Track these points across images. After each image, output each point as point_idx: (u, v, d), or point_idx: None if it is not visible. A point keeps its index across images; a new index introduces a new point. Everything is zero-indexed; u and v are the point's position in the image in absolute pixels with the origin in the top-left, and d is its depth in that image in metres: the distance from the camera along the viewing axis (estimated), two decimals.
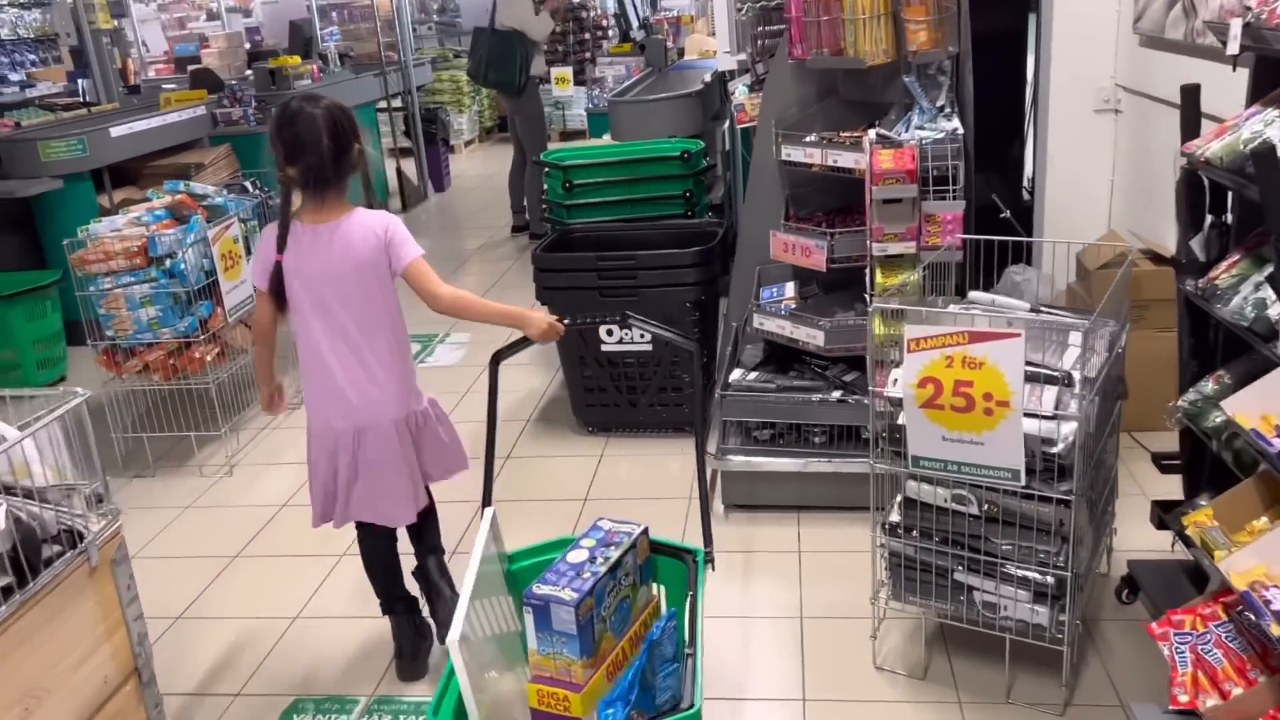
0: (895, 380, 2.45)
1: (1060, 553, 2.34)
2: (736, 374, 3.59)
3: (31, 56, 6.20)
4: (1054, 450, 2.26)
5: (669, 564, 2.29)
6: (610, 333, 3.93)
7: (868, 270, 3.17)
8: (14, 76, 6.33)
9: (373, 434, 2.58)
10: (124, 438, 4.10)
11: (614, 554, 2.04)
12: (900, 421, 2.42)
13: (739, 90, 4.27)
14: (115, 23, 7.37)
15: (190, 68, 9.04)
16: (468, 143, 12.24)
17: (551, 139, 9.21)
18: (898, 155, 3.04)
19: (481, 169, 11.01)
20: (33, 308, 4.98)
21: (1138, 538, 2.98)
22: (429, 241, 8.02)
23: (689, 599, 2.11)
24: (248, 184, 5.04)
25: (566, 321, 2.52)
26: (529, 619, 1.97)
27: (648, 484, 3.74)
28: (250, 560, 3.43)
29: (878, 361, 2.54)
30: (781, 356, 3.63)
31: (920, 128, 3.20)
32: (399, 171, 8.98)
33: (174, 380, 3.99)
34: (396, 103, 9.28)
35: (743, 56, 4.52)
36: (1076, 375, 2.35)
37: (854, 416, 3.29)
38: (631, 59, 7.25)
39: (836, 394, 3.36)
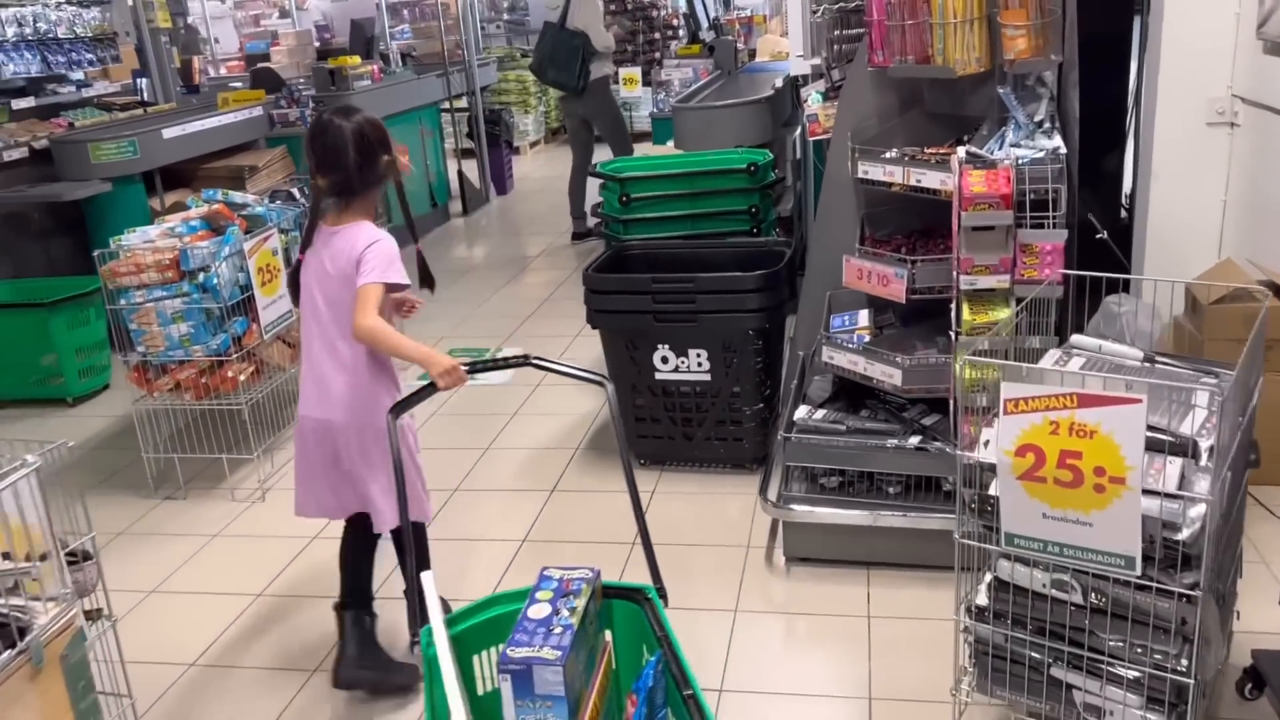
0: (987, 442, 2.12)
1: (1181, 654, 1.99)
2: (802, 411, 3.27)
3: (89, 56, 6.09)
4: (1178, 537, 1.92)
5: (621, 606, 2.05)
6: (665, 360, 3.64)
7: (954, 305, 2.83)
8: (75, 75, 6.24)
9: (342, 432, 2.60)
10: (155, 458, 3.92)
11: (579, 603, 1.85)
12: (993, 491, 2.09)
13: (812, 98, 3.94)
14: (177, 21, 7.30)
15: (257, 65, 8.97)
16: (533, 144, 12.05)
17: None
18: (990, 177, 2.69)
19: (546, 171, 10.79)
20: (75, 315, 4.85)
21: (1261, 617, 2.62)
22: (488, 247, 7.81)
23: (661, 640, 1.89)
24: (295, 190, 4.86)
25: (465, 368, 2.38)
26: (506, 686, 1.74)
27: (702, 527, 3.44)
28: (275, 600, 3.21)
29: (965, 409, 2.21)
30: (853, 391, 3.31)
31: (1016, 145, 2.85)
32: (460, 174, 8.79)
33: (206, 400, 3.80)
34: (461, 103, 9.12)
35: (817, 61, 4.18)
36: (1204, 444, 2.00)
37: (934, 466, 2.96)
38: (699, 61, 6.94)
39: (915, 440, 3.02)
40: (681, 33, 11.57)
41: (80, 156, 5.41)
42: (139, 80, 6.87)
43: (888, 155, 3.09)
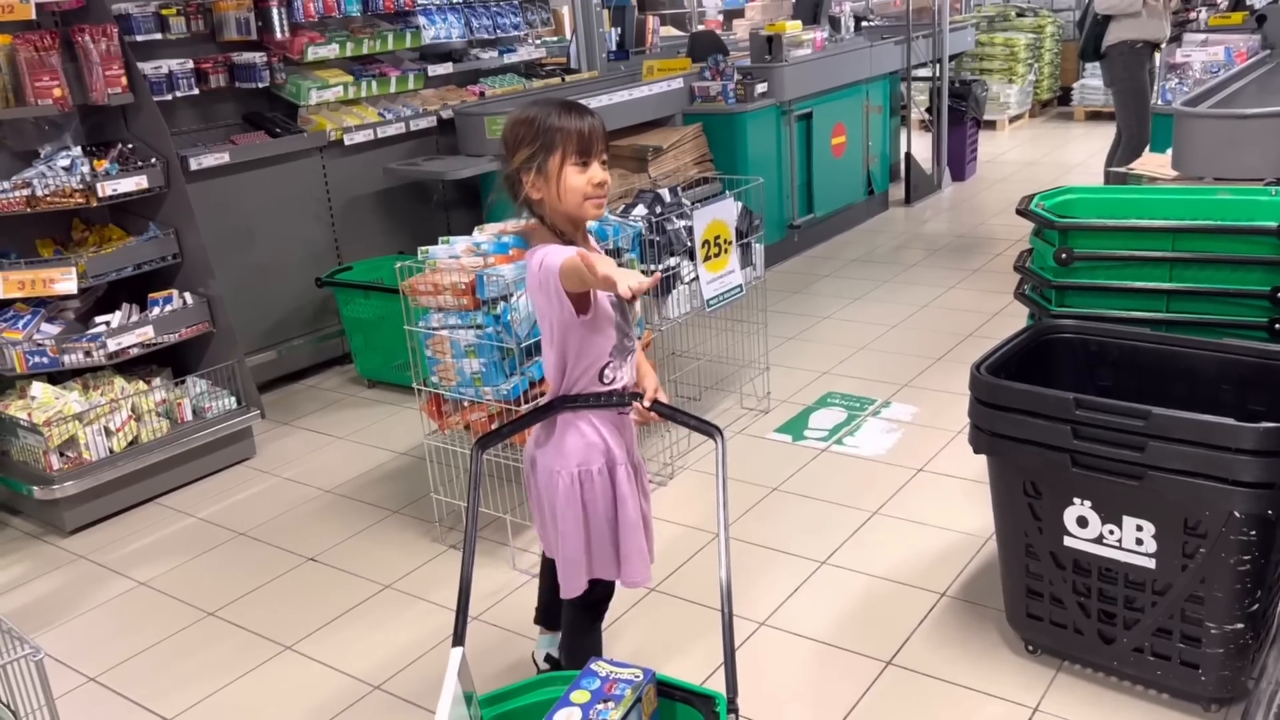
0: None
1: None
2: None
3: (514, 19, 5.80)
4: None
5: (685, 712, 1.82)
6: (1083, 522, 2.37)
7: None
8: (505, 38, 5.97)
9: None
10: (441, 501, 3.43)
11: (613, 714, 1.65)
12: None
13: None
14: None
15: (697, 29, 8.42)
16: (1014, 118, 10.40)
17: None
18: None
19: (1024, 153, 9.20)
20: None
21: None
22: (921, 250, 6.58)
23: None
24: (667, 190, 4.11)
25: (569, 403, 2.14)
26: None
27: None
28: None
29: None
30: None
31: None
32: (907, 157, 7.60)
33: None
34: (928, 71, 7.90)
35: None
36: None
37: None
38: (1238, 37, 5.10)
39: None
40: None
41: (477, 130, 5.12)
42: (570, 45, 6.54)
43: None
